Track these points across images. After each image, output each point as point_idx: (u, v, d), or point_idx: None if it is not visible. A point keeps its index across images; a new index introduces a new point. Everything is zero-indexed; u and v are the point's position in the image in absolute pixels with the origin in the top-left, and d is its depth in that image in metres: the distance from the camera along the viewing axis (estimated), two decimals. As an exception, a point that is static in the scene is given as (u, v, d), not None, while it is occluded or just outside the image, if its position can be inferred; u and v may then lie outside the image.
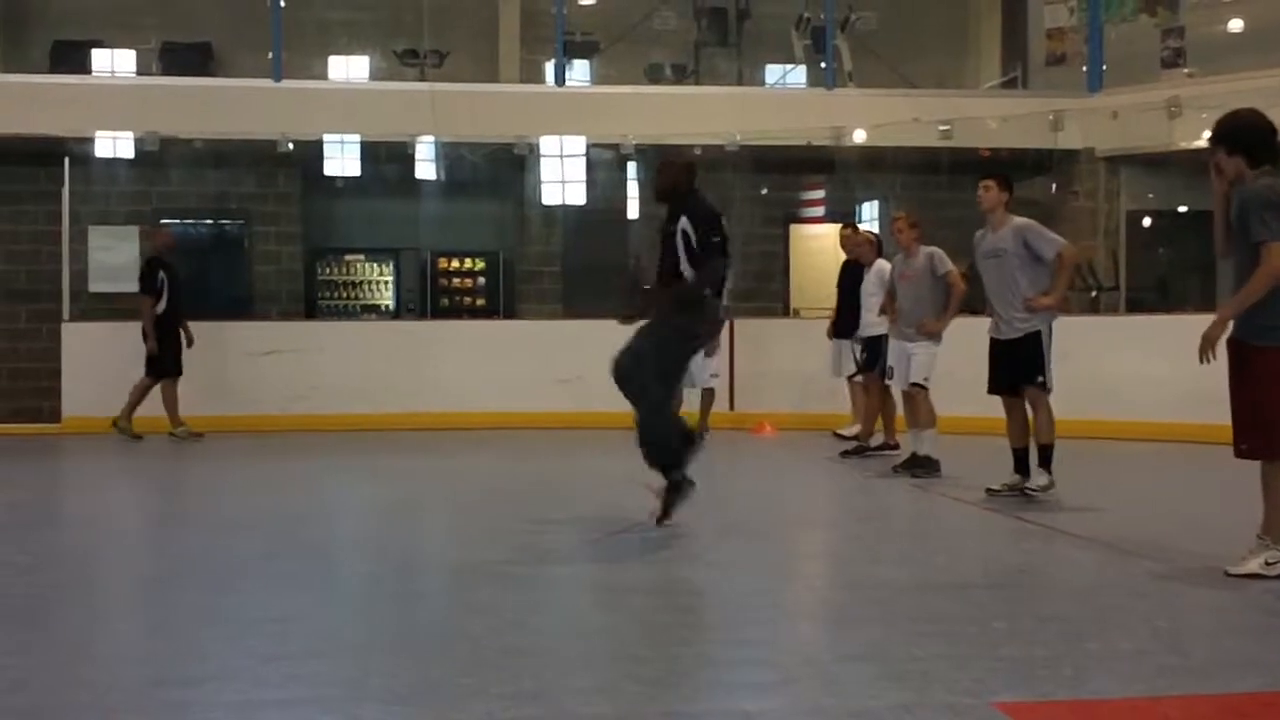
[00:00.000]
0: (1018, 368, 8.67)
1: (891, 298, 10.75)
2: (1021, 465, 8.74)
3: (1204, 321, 6.33)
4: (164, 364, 13.75)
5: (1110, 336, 14.02)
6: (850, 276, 12.67)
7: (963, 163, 16.88)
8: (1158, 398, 13.11)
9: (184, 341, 14.00)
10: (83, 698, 4.20)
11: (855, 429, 12.56)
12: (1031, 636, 4.96)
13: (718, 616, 5.44)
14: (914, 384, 10.21)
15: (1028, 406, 8.69)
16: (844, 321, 12.82)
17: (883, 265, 11.76)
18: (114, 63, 17.62)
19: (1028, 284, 8.61)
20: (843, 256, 13.13)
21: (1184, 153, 16.20)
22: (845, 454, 11.78)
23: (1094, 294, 16.11)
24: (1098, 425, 13.18)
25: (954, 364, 10.45)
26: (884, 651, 4.75)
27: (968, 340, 10.03)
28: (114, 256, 16.49)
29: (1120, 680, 4.33)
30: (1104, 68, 16.54)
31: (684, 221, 7.68)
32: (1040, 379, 8.62)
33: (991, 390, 8.86)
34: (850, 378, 12.78)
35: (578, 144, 16.95)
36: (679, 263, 7.68)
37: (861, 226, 13.66)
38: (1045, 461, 8.64)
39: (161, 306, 13.80)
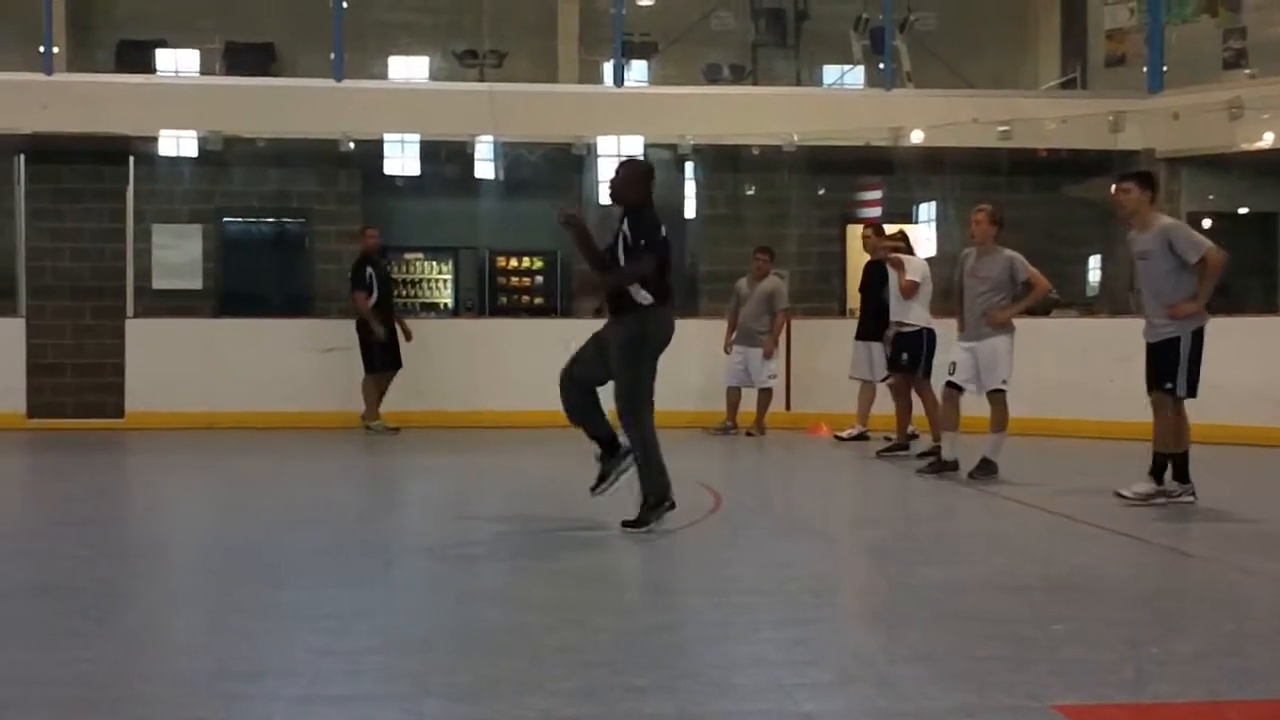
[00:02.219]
0: (1152, 371, 8.64)
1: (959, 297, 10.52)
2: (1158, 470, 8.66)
3: (1266, 323, 6.40)
4: (376, 357, 14.07)
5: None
6: (872, 278, 12.57)
7: (1022, 163, 16.79)
8: (1217, 401, 12.96)
9: (401, 335, 14.41)
10: (145, 690, 4.28)
11: (856, 430, 12.63)
12: (1091, 639, 4.95)
13: (773, 616, 5.45)
14: (995, 390, 9.97)
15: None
16: (870, 324, 12.77)
17: (919, 261, 11.69)
18: (178, 63, 17.82)
19: (1173, 288, 8.52)
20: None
21: (1245, 154, 16.06)
22: (881, 453, 11.77)
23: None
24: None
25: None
26: (941, 653, 4.76)
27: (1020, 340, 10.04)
28: (177, 254, 16.72)
29: (1180, 684, 4.32)
30: (1164, 68, 16.38)
31: (626, 225, 7.66)
32: (1170, 385, 8.53)
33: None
34: (884, 380, 12.68)
35: (635, 144, 16.98)
36: (617, 261, 7.66)
37: (890, 229, 13.50)
38: (1157, 470, 8.58)
39: (371, 301, 14.18)
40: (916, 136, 16.16)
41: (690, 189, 17.92)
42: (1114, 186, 8.94)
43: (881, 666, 4.60)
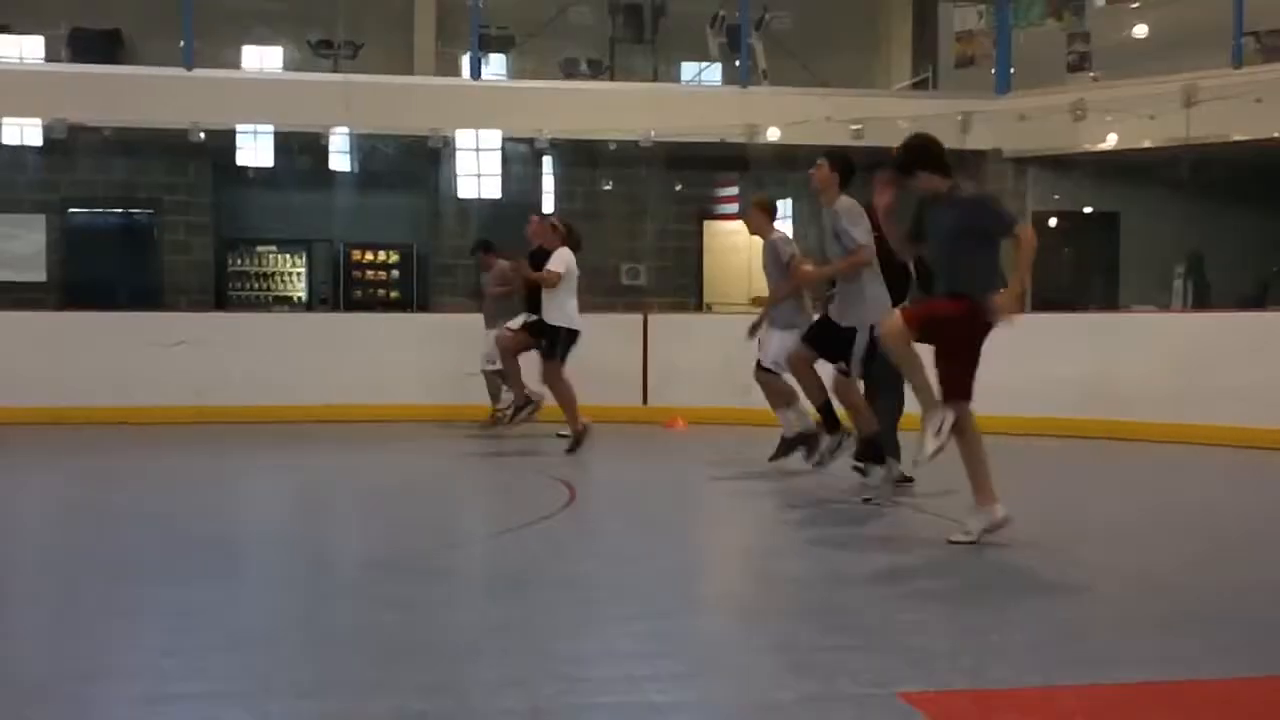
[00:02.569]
0: (832, 351, 8.81)
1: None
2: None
3: (1109, 320, 6.72)
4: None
5: (1014, 335, 14.22)
6: (538, 264, 12.16)
7: (874, 162, 16.99)
8: (1060, 395, 13.38)
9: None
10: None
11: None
12: (933, 629, 5.08)
13: (626, 610, 5.49)
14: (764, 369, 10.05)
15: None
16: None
17: (566, 253, 11.62)
18: (22, 48, 17.32)
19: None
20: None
21: (1089, 155, 16.56)
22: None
23: (999, 292, 16.37)
24: (1001, 422, 13.42)
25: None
26: (790, 644, 4.84)
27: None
28: (19, 245, 16.26)
29: (1018, 670, 4.45)
30: (1012, 71, 16.83)
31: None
32: (844, 366, 8.74)
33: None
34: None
35: (493, 138, 16.94)
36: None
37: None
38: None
39: None
40: (772, 134, 16.37)
41: (548, 184, 17.93)
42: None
43: (732, 657, 4.67)
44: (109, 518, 8.11)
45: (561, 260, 11.51)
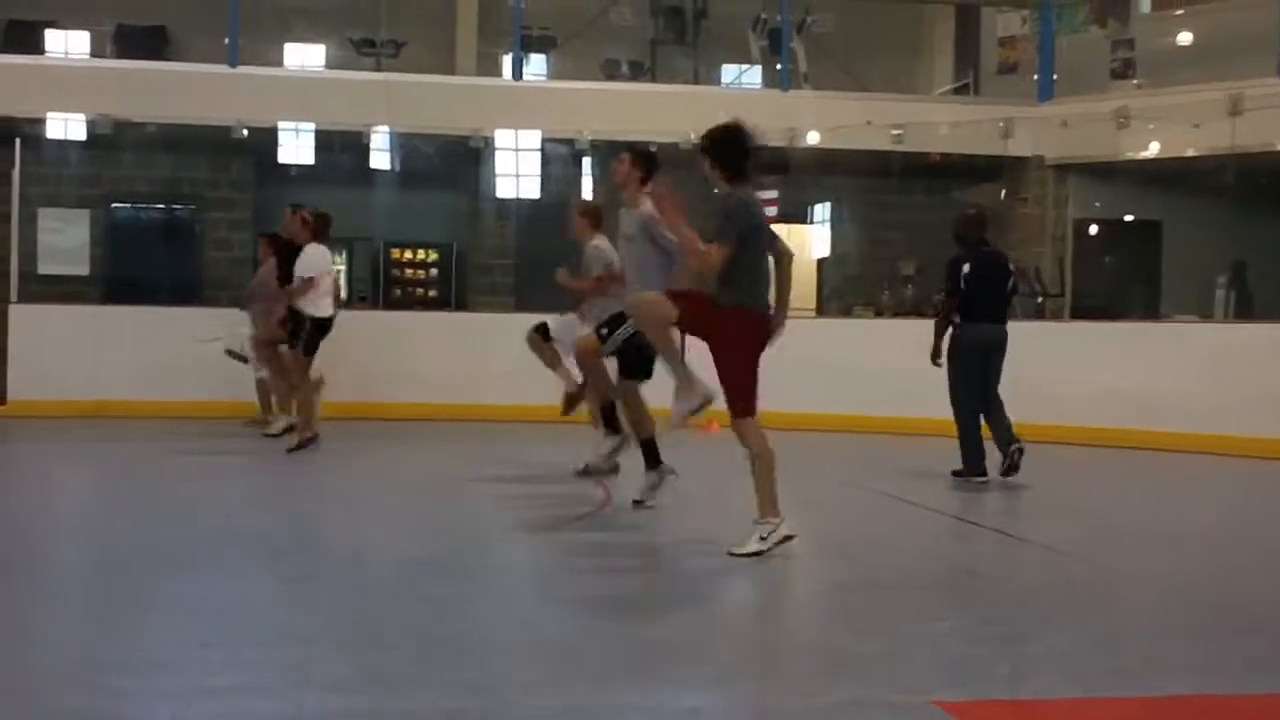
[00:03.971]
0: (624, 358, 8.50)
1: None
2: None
3: (1148, 329, 6.57)
4: None
5: (1055, 343, 14.20)
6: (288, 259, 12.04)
7: (914, 167, 17.02)
8: (1101, 404, 13.31)
9: None
10: (24, 683, 4.21)
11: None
12: (969, 636, 5.06)
13: (661, 611, 5.50)
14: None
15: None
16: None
17: (319, 251, 11.60)
18: (68, 44, 17.47)
19: (653, 274, 7.98)
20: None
21: (1131, 162, 16.44)
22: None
23: (1040, 300, 16.31)
24: (1041, 430, 13.37)
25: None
26: (825, 648, 4.84)
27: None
28: (64, 239, 16.40)
29: (1056, 680, 4.43)
30: (1054, 77, 16.74)
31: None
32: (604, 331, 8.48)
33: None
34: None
35: (533, 138, 16.96)
36: None
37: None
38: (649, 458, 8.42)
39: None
40: (812, 137, 16.33)
41: (587, 184, 17.95)
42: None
43: (767, 661, 4.68)
44: (149, 512, 8.17)
45: (314, 262, 11.52)
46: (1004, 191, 17.66)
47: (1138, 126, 15.61)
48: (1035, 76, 16.84)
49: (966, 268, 10.02)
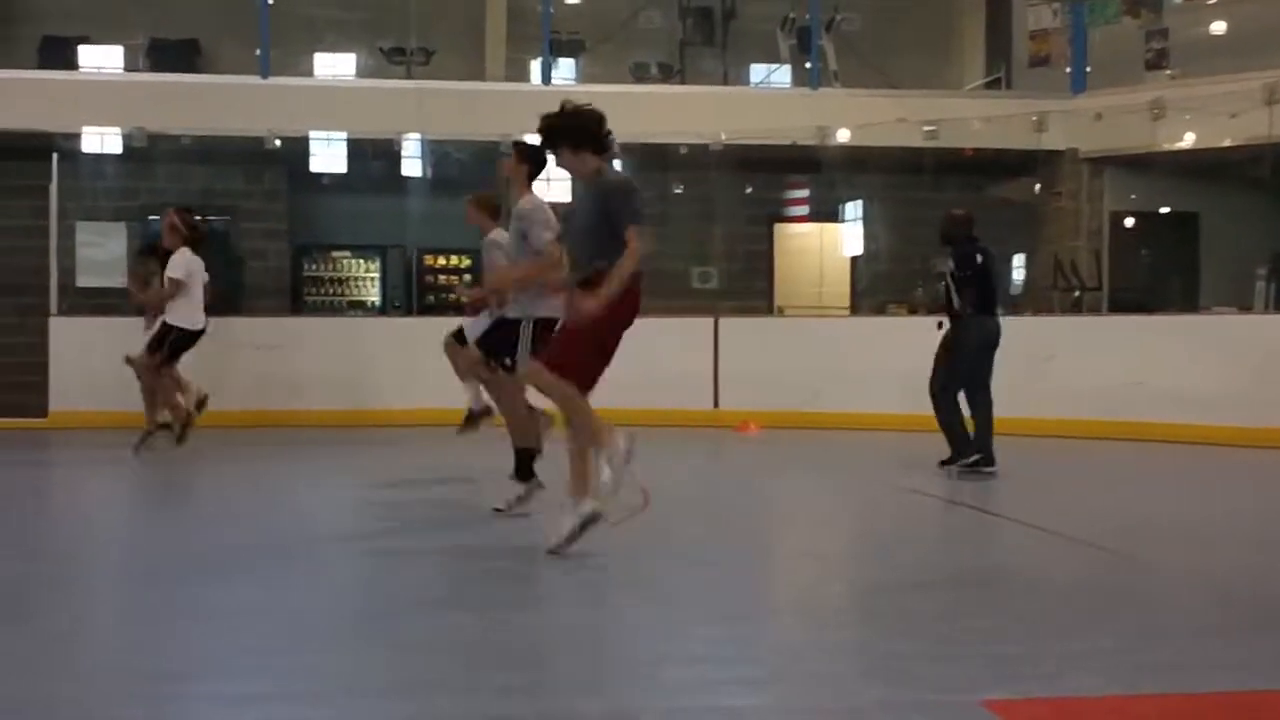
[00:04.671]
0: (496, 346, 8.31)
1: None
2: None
3: (1187, 322, 6.48)
4: None
5: (1092, 337, 14.13)
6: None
7: (947, 163, 16.96)
8: (1139, 398, 13.23)
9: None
10: (69, 690, 4.24)
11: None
12: (1010, 634, 5.03)
13: (701, 613, 5.50)
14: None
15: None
16: None
17: (187, 256, 11.60)
18: (102, 59, 17.59)
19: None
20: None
21: (1167, 154, 16.32)
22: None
23: (1077, 294, 16.22)
24: (1078, 425, 13.31)
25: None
26: (868, 649, 4.82)
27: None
28: (101, 252, 16.51)
29: (1100, 678, 4.40)
30: (1088, 69, 16.64)
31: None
32: (510, 361, 8.15)
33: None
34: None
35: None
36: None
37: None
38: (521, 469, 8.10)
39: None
40: (842, 136, 16.29)
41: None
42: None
43: (810, 662, 4.66)
44: (190, 519, 8.22)
45: (180, 265, 11.61)
46: (1038, 186, 17.58)
47: (1173, 118, 15.49)
48: (1068, 69, 16.74)
49: (979, 259, 10.12)
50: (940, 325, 10.42)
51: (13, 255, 16.46)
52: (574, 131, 6.47)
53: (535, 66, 17.63)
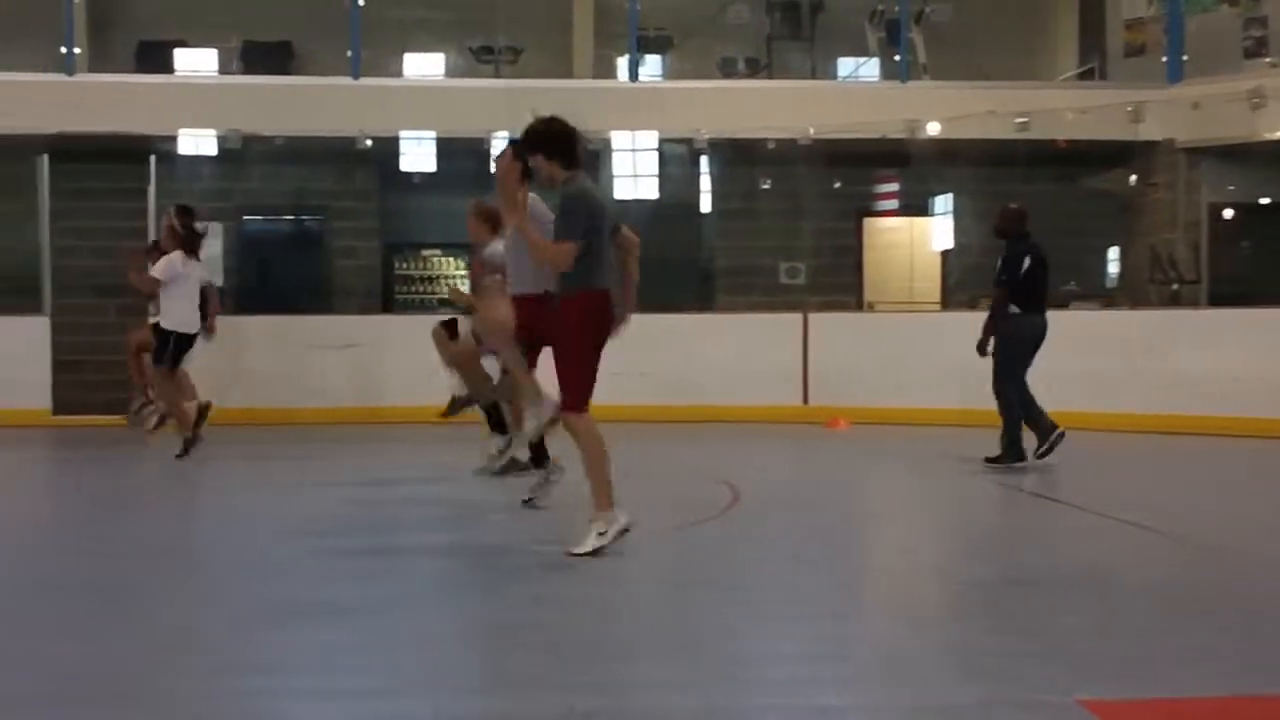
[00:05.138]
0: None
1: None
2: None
3: None
4: None
5: (1191, 331, 13.88)
6: None
7: (1039, 155, 16.74)
8: (1238, 392, 12.97)
9: None
10: (168, 684, 4.31)
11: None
12: (1107, 633, 4.95)
13: (791, 610, 5.47)
14: None
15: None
16: None
17: (171, 260, 11.51)
18: (196, 62, 17.88)
19: (530, 268, 7.80)
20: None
21: (1267, 144, 15.98)
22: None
23: (1175, 287, 15.94)
24: (1178, 420, 13.08)
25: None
26: (960, 647, 4.77)
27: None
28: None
29: (1200, 677, 4.32)
30: (1184, 58, 16.35)
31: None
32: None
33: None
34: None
35: (650, 139, 17.00)
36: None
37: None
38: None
39: None
40: (932, 128, 16.14)
41: (705, 183, 17.94)
42: None
43: (902, 661, 4.61)
44: (283, 520, 8.31)
45: (161, 267, 11.55)
46: (1134, 177, 17.29)
47: (1273, 107, 15.15)
48: (1164, 58, 16.46)
49: (1027, 261, 10.26)
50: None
51: (112, 257, 16.76)
52: (552, 141, 6.64)
53: (622, 64, 17.65)
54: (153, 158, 15.74)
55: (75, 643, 4.86)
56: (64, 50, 15.93)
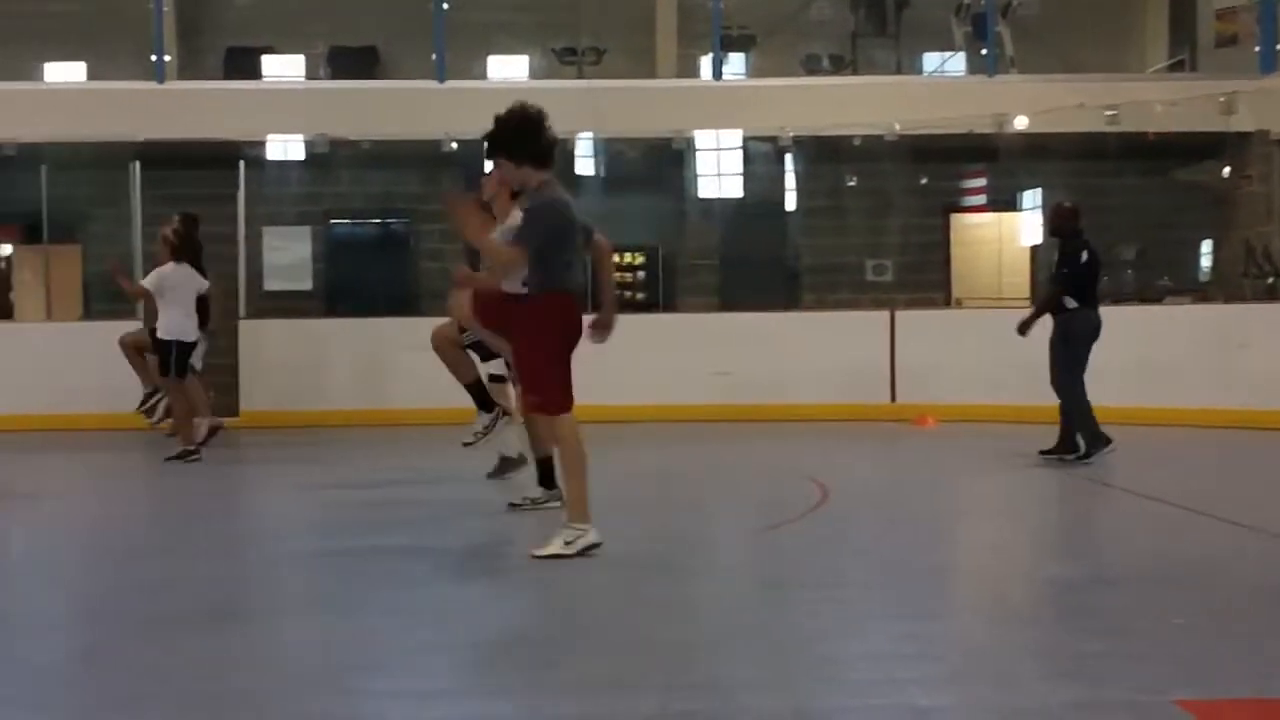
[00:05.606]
0: None
1: None
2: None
3: None
4: None
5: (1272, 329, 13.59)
6: None
7: (1130, 148, 16.50)
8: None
9: None
10: (266, 685, 4.37)
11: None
12: (1207, 633, 4.87)
13: (884, 610, 5.44)
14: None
15: None
16: None
17: (163, 271, 11.45)
18: (284, 68, 18.14)
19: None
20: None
21: (1364, 134, 15.65)
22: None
23: (1270, 281, 15.63)
24: (1272, 415, 12.83)
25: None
26: (1055, 647, 4.71)
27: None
28: (287, 256, 17.03)
29: (1304, 679, 4.24)
30: (1278, 48, 16.03)
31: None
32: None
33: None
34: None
35: (734, 137, 16.97)
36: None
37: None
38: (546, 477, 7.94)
39: None
40: (1020, 123, 15.96)
41: (790, 181, 17.89)
42: None
43: (995, 660, 4.57)
44: (371, 519, 8.38)
45: (151, 279, 11.58)
46: (1227, 169, 16.99)
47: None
48: (1257, 48, 16.15)
49: (1085, 255, 10.36)
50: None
51: (204, 261, 17.03)
52: (515, 140, 6.36)
53: (706, 62, 17.63)
54: (242, 163, 15.98)
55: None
56: (154, 58, 16.21)
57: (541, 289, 6.35)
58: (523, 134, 6.33)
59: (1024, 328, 10.53)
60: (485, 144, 6.50)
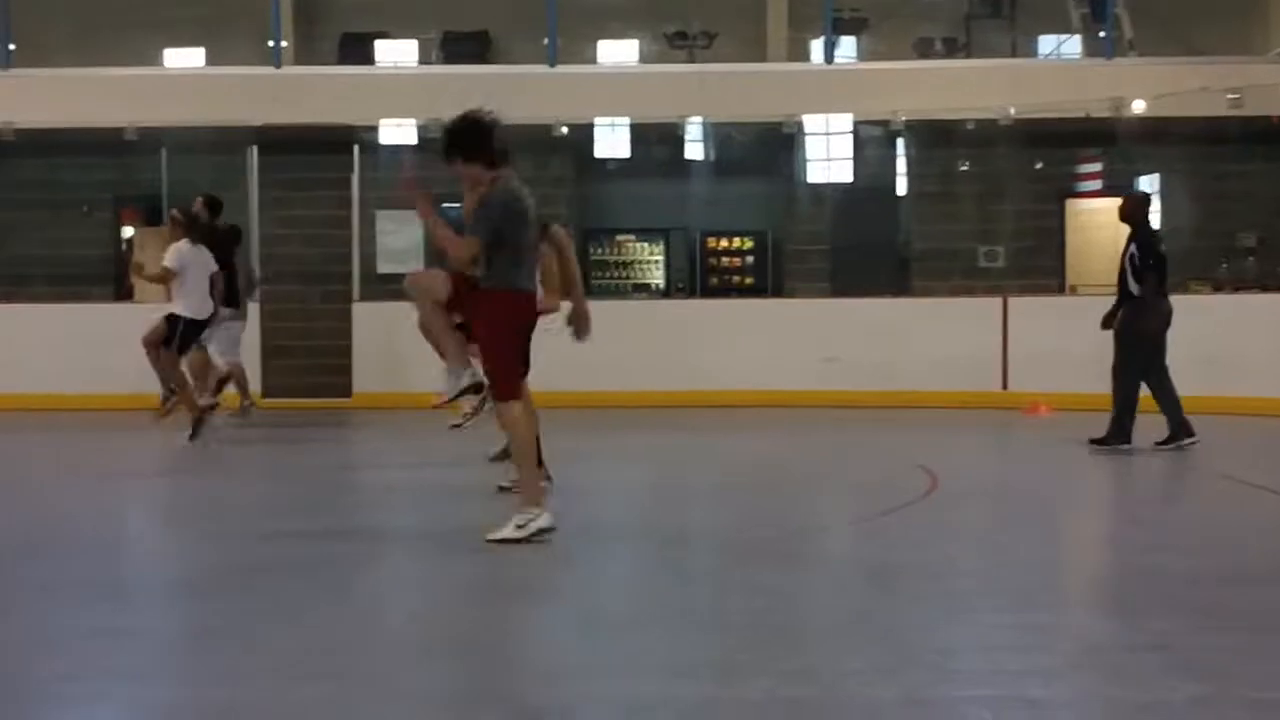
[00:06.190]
0: None
1: None
2: None
3: None
4: None
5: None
6: None
7: (1253, 132, 16.08)
8: None
9: None
10: (366, 662, 4.44)
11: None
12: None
13: (994, 600, 5.36)
14: None
15: None
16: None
17: (180, 248, 11.42)
18: (398, 53, 18.32)
19: None
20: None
21: None
22: None
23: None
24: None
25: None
26: (1173, 642, 4.61)
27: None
28: (399, 240, 17.20)
29: None
30: None
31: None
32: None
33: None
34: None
35: (844, 121, 16.83)
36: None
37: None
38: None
39: None
40: (1139, 106, 15.63)
41: (901, 165, 17.71)
42: None
43: (1111, 654, 4.49)
44: (472, 500, 8.44)
45: (170, 256, 11.59)
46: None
47: None
48: (1388, 29, 15.66)
49: (1161, 246, 10.42)
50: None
51: (319, 244, 17.27)
52: (469, 142, 6.61)
53: (817, 46, 17.49)
54: (356, 147, 16.19)
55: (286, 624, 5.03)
56: (271, 44, 16.48)
57: (491, 286, 6.54)
58: (473, 134, 6.64)
59: (1108, 320, 10.45)
60: (442, 144, 6.76)
